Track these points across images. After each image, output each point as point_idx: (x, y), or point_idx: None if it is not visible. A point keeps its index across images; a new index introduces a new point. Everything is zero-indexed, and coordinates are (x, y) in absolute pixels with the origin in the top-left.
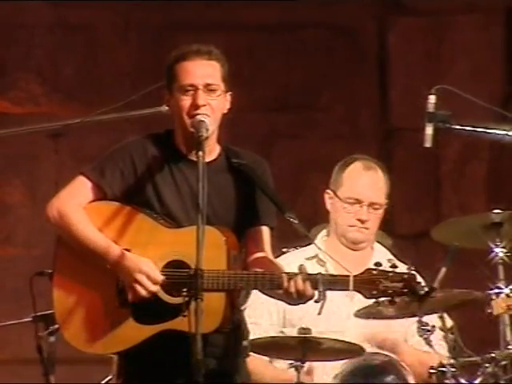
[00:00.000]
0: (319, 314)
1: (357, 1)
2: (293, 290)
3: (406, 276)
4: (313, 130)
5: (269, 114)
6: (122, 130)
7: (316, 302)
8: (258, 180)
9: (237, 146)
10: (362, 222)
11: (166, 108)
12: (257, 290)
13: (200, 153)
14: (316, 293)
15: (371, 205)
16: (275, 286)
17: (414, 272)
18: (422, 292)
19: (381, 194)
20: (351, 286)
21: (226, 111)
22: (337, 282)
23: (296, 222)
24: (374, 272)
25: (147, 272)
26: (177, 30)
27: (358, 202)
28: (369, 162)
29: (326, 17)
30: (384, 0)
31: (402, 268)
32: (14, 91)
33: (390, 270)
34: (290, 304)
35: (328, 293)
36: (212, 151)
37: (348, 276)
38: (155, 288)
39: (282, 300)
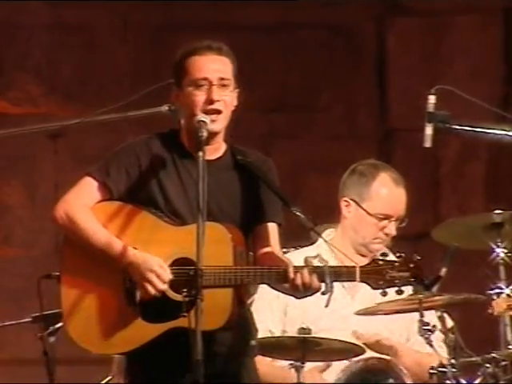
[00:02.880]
0: (326, 306)
1: (355, 1)
2: (299, 282)
3: (412, 265)
4: (311, 131)
5: (267, 114)
6: (121, 131)
7: (323, 294)
8: (264, 177)
9: (236, 145)
10: (388, 235)
11: (166, 108)
12: (261, 287)
13: (200, 153)
14: (323, 285)
15: (398, 219)
16: (281, 279)
17: (419, 259)
18: (428, 281)
19: (405, 208)
20: (358, 277)
21: (234, 108)
22: (343, 274)
23: (302, 216)
24: (380, 262)
25: (157, 271)
26: (175, 31)
27: (388, 217)
28: (394, 174)
29: (325, 17)
30: (383, 0)
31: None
32: (12, 92)
33: (397, 260)
34: (296, 298)
35: None
36: (218, 148)
37: (354, 267)
38: (164, 287)
39: (289, 294)
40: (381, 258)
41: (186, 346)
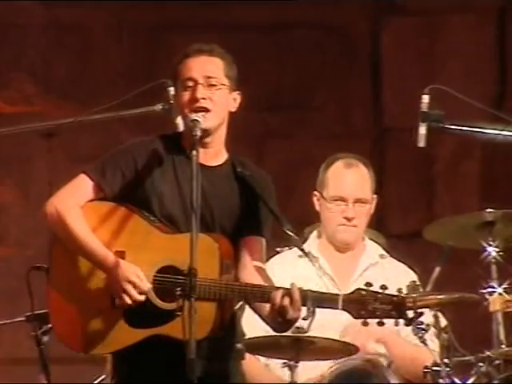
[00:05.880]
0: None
1: (350, 1)
2: (286, 303)
3: (395, 299)
4: (306, 130)
5: (262, 113)
6: (115, 130)
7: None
8: (261, 192)
9: (230, 145)
10: (349, 219)
11: (160, 107)
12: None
13: (194, 152)
14: (304, 309)
15: (356, 201)
16: (265, 299)
17: (403, 296)
18: (410, 316)
19: (365, 190)
20: (340, 305)
21: (234, 109)
22: (326, 300)
23: (294, 236)
24: (364, 292)
25: (134, 282)
26: (170, 30)
27: (343, 199)
28: (350, 159)
29: (320, 17)
30: (377, 0)
31: (398, 272)
32: (7, 91)
33: (380, 291)
34: (274, 330)
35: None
36: (218, 156)
37: (338, 295)
38: (141, 298)
39: (267, 323)
40: (364, 287)
41: (170, 351)
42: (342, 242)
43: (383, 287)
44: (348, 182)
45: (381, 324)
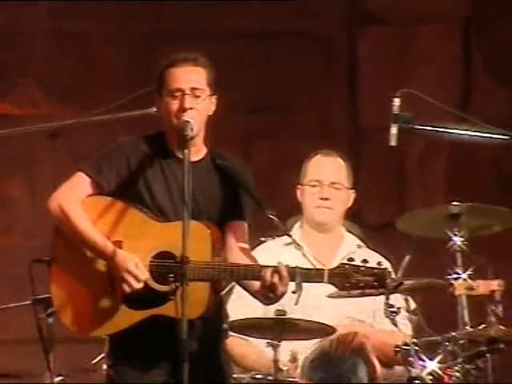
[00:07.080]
0: (296, 304)
1: (329, 12)
2: (276, 280)
3: (376, 271)
4: (289, 131)
5: (249, 115)
6: (114, 130)
7: (293, 292)
8: (242, 181)
9: (219, 144)
10: (325, 199)
11: (155, 109)
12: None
13: (185, 151)
14: (293, 284)
15: (331, 184)
16: (255, 277)
17: (384, 267)
18: (390, 286)
19: (340, 176)
20: (326, 279)
21: (211, 113)
22: (312, 275)
23: (276, 219)
24: (347, 266)
25: (132, 271)
26: (165, 38)
27: (319, 182)
28: (329, 152)
29: (302, 27)
30: (354, 11)
31: (372, 261)
32: (14, 95)
33: (362, 264)
34: (264, 304)
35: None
36: (199, 151)
37: (323, 269)
38: (139, 285)
39: (256, 297)
40: (348, 262)
41: (165, 332)
42: (318, 222)
43: (364, 261)
44: (324, 168)
45: (363, 295)
